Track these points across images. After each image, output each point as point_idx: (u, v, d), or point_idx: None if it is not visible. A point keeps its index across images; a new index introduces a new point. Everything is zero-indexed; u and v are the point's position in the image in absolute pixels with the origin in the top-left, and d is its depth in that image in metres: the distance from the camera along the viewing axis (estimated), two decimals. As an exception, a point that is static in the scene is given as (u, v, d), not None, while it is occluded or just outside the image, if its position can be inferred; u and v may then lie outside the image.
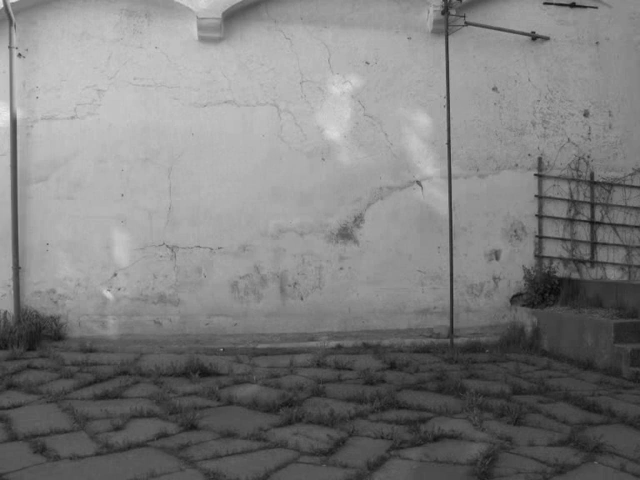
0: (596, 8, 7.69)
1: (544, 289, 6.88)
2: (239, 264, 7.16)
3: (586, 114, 7.66)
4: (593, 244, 7.57)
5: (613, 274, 7.59)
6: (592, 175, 7.61)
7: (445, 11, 6.84)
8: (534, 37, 7.54)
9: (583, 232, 7.59)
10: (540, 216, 7.52)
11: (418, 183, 7.38)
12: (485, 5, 7.48)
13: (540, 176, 7.55)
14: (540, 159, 7.56)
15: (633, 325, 5.37)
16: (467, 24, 7.15)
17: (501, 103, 7.53)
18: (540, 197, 7.53)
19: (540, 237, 7.51)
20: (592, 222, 7.58)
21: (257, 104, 7.22)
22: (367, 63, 7.37)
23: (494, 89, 7.53)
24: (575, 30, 7.66)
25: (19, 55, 6.96)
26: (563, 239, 7.55)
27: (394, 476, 3.04)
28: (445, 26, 6.78)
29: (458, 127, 7.29)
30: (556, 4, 7.62)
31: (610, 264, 7.59)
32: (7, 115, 6.87)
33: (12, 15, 6.74)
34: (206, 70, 7.18)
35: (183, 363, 5.29)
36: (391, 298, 7.29)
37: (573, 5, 7.64)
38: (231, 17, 7.15)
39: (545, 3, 7.61)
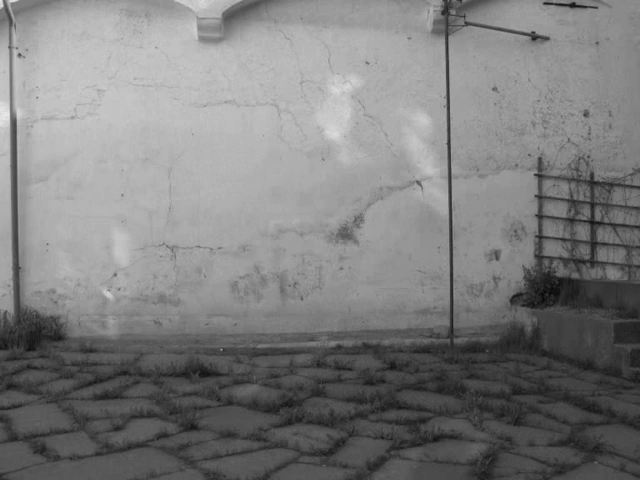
0: (596, 8, 7.69)
1: (544, 289, 6.88)
2: (239, 264, 7.16)
3: (586, 114, 7.66)
4: (593, 244, 7.57)
5: (613, 274, 7.59)
6: (592, 175, 7.61)
7: (445, 11, 6.84)
8: (534, 37, 7.54)
9: (583, 232, 7.59)
10: (540, 216, 7.52)
11: (418, 183, 7.38)
12: (485, 5, 7.48)
13: (540, 176, 7.55)
14: (540, 159, 7.56)
15: (633, 325, 5.37)
16: (467, 24, 7.15)
17: (501, 103, 7.53)
18: (540, 197, 7.53)
19: (540, 237, 7.51)
20: (592, 222, 7.58)
21: (257, 104, 7.22)
22: (367, 63, 7.37)
23: (494, 89, 7.53)
24: (575, 30, 7.66)
25: (19, 55, 6.96)
26: (563, 239, 7.55)
27: (394, 476, 3.04)
28: (445, 26, 6.78)
29: (458, 127, 7.29)
30: (556, 4, 7.62)
31: (610, 264, 7.59)
32: (7, 115, 6.87)
33: (12, 15, 6.74)
34: (206, 70, 7.18)
35: (183, 363, 5.29)
36: (391, 298, 7.29)
37: (573, 5, 7.64)
38: (231, 17, 7.15)
39: (545, 3, 7.61)
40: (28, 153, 6.96)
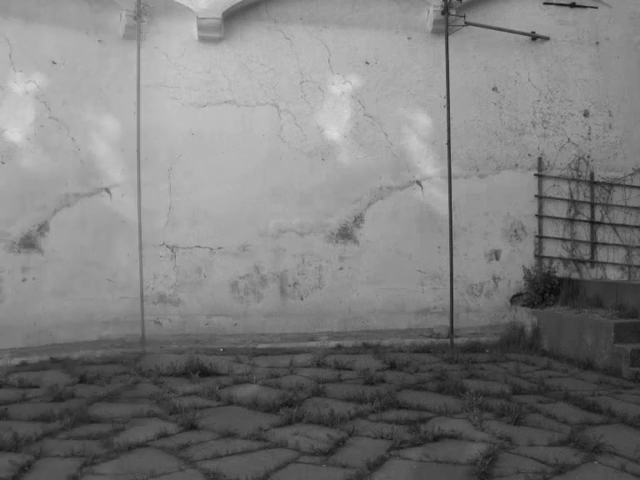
0: (596, 8, 7.69)
1: (544, 289, 6.88)
2: (239, 264, 7.15)
3: (586, 114, 7.66)
4: (593, 244, 7.57)
5: (613, 274, 7.58)
6: (592, 175, 7.61)
7: (445, 11, 6.84)
8: (534, 37, 7.54)
9: (583, 232, 7.59)
10: (540, 216, 7.52)
11: (418, 183, 7.38)
12: (485, 5, 7.48)
13: (540, 176, 7.55)
14: (540, 159, 7.56)
15: (633, 325, 5.37)
16: (467, 24, 7.15)
17: (501, 103, 7.53)
18: (540, 197, 7.53)
19: (540, 237, 7.51)
20: (592, 222, 7.58)
21: (257, 104, 7.22)
22: (367, 63, 7.37)
23: (494, 89, 7.53)
24: (575, 30, 7.66)
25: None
26: (563, 239, 7.55)
27: (394, 476, 3.04)
28: (445, 26, 6.78)
29: (458, 127, 7.29)
30: (556, 4, 7.62)
31: (610, 264, 7.59)
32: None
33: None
34: (206, 70, 7.18)
35: (183, 363, 5.29)
36: (391, 298, 7.28)
37: (573, 5, 7.64)
38: (231, 17, 7.15)
39: (545, 3, 7.61)
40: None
